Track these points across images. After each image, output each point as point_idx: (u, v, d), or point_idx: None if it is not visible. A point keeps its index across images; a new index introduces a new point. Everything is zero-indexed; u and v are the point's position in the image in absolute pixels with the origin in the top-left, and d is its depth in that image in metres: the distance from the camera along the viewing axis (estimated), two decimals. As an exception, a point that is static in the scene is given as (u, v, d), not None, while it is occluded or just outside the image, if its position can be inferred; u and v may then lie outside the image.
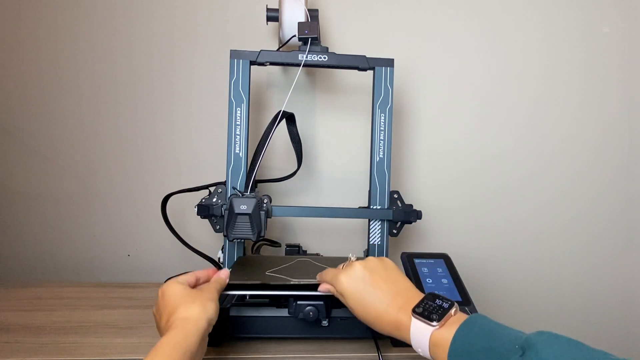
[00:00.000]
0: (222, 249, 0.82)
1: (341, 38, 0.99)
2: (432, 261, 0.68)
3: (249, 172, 0.73)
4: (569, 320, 1.05)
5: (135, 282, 0.94)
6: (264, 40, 0.97)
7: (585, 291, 1.06)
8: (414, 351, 0.49)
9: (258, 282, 0.55)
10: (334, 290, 0.52)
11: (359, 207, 0.83)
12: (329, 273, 0.53)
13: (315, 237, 0.99)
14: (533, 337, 0.40)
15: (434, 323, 0.44)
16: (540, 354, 0.37)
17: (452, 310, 0.45)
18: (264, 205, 0.65)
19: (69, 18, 0.95)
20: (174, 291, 0.48)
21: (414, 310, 0.46)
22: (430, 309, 0.45)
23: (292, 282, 0.55)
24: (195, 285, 0.53)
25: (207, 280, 0.55)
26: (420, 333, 0.44)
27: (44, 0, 0.94)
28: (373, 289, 0.48)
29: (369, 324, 0.49)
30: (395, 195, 0.82)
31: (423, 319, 0.45)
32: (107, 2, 0.95)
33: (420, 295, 0.49)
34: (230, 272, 0.63)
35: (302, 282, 0.55)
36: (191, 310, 0.46)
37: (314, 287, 0.54)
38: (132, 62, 0.96)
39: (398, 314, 0.47)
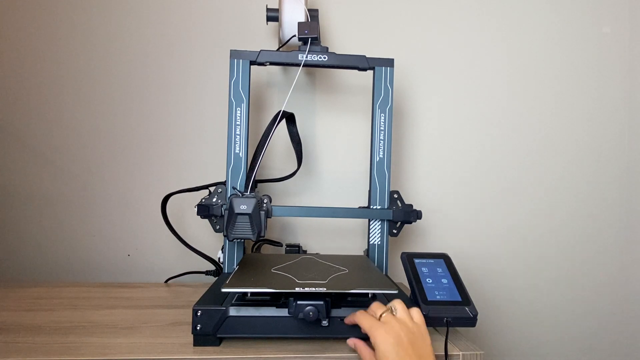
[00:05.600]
0: (222, 249, 0.82)
1: (341, 38, 0.99)
2: (432, 261, 0.68)
3: (249, 172, 0.73)
4: (569, 319, 1.05)
5: (135, 282, 0.94)
6: (264, 40, 0.97)
7: (584, 290, 1.06)
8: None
9: (271, 290, 0.55)
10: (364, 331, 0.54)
11: (359, 207, 0.83)
12: (366, 319, 0.53)
13: (315, 237, 0.99)
14: None
15: None
16: None
17: None
18: (264, 205, 0.65)
19: (68, 18, 0.95)
20: None
21: None
22: None
23: (298, 290, 0.55)
24: None
25: None
26: None
27: (44, 1, 0.94)
28: (405, 352, 0.50)
29: None
30: (395, 195, 0.82)
31: None
32: (108, 3, 0.95)
33: None
34: (236, 271, 0.63)
35: (307, 290, 0.55)
36: None
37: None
38: (131, 62, 0.96)
39: None
